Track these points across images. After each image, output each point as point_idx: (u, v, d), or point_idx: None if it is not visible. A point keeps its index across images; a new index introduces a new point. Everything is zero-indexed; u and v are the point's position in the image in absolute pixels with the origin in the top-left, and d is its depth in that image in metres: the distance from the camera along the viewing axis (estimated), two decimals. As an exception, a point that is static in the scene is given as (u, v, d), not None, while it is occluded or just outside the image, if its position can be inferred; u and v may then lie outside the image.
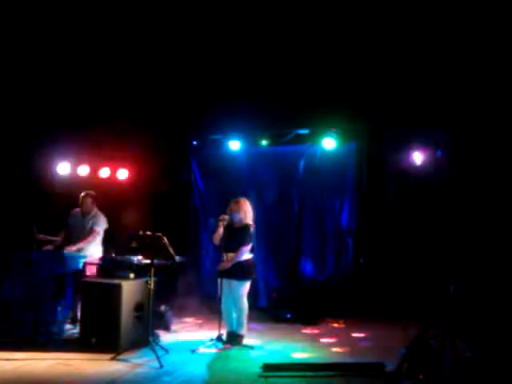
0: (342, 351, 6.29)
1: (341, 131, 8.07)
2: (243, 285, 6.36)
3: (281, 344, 6.54)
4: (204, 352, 6.10)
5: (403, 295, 7.50)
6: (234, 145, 8.58)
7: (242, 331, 6.41)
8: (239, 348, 6.27)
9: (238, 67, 7.82)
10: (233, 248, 6.37)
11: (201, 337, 6.74)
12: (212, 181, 9.09)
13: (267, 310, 8.20)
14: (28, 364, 5.49)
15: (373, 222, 8.12)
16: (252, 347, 6.29)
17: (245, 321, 6.42)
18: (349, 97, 7.62)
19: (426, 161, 7.60)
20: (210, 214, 8.90)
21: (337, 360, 5.79)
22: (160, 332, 6.71)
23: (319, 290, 8.03)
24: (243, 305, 6.37)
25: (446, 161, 7.26)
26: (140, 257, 6.37)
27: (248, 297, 6.46)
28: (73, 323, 6.87)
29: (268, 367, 5.40)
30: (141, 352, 5.90)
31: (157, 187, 9.10)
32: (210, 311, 7.70)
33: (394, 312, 7.48)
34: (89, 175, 9.24)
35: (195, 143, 9.08)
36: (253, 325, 7.10)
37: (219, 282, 6.36)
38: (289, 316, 7.79)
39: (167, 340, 6.55)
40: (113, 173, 9.33)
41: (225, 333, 6.39)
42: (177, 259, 6.15)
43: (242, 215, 6.46)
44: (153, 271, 5.91)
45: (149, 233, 6.08)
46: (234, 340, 6.35)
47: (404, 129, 7.70)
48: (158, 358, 5.52)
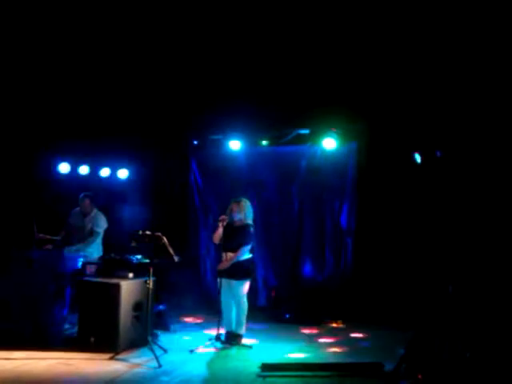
0: (341, 351, 6.30)
1: (341, 131, 8.05)
2: (243, 284, 6.37)
3: (279, 344, 6.54)
4: (203, 352, 6.11)
5: (402, 295, 7.49)
6: (234, 145, 8.56)
7: (241, 331, 6.42)
8: (238, 348, 6.28)
9: (239, 67, 7.81)
10: (232, 248, 6.38)
11: (200, 336, 6.76)
12: (212, 181, 9.08)
13: (266, 310, 8.21)
14: (27, 363, 5.50)
15: (372, 222, 8.10)
16: (251, 347, 6.30)
17: (244, 320, 6.43)
18: (349, 97, 7.60)
19: (426, 161, 7.59)
20: (210, 214, 8.94)
21: (335, 360, 5.81)
22: (159, 332, 6.71)
23: (318, 290, 8.03)
24: (243, 304, 6.38)
25: (446, 161, 7.29)
26: (139, 256, 6.37)
27: (247, 296, 6.46)
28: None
29: (266, 367, 5.40)
30: (139, 351, 5.91)
31: (157, 187, 9.10)
32: (209, 311, 7.70)
33: (393, 312, 7.47)
34: (89, 175, 9.25)
35: (195, 143, 9.06)
36: (252, 325, 7.09)
37: (219, 282, 6.37)
38: (288, 316, 7.79)
39: (166, 339, 6.55)
40: (113, 173, 9.33)
41: (224, 332, 6.39)
42: (176, 259, 6.17)
43: (243, 215, 6.47)
44: (152, 271, 5.92)
45: (148, 232, 6.09)
46: (233, 340, 6.35)
47: (404, 129, 7.69)
48: (157, 358, 5.53)
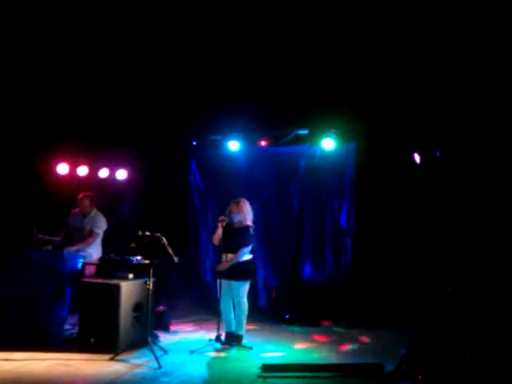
0: (341, 352, 6.30)
1: (340, 131, 8.06)
2: (243, 285, 6.37)
3: (280, 344, 6.54)
4: (203, 352, 6.10)
5: (402, 296, 7.49)
6: (234, 145, 8.56)
7: (242, 332, 6.41)
8: (238, 348, 6.28)
9: (238, 68, 7.81)
10: (232, 249, 6.37)
11: (200, 337, 6.76)
12: (211, 181, 9.08)
13: (266, 311, 8.21)
14: (27, 364, 5.50)
15: (372, 223, 8.11)
16: (251, 347, 6.29)
17: (244, 321, 6.42)
18: (348, 97, 7.61)
19: (425, 161, 7.59)
20: (210, 215, 8.94)
21: (336, 361, 5.81)
22: (159, 332, 6.71)
23: (318, 291, 8.02)
24: (243, 305, 6.38)
25: (445, 161, 7.29)
26: (139, 257, 6.37)
27: (247, 297, 6.46)
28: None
29: (267, 368, 5.40)
30: (140, 352, 5.91)
31: (156, 187, 9.10)
32: (209, 311, 7.70)
33: (393, 313, 7.47)
34: (88, 175, 9.24)
35: (195, 143, 9.06)
36: (252, 325, 7.10)
37: (218, 283, 6.36)
38: (288, 316, 7.78)
39: (166, 340, 6.56)
40: (112, 173, 9.32)
41: (224, 333, 6.39)
42: (176, 260, 6.16)
43: (242, 216, 6.46)
44: (152, 271, 5.91)
45: (148, 233, 6.08)
46: (233, 340, 6.35)
47: (403, 129, 7.69)
48: (157, 359, 5.52)
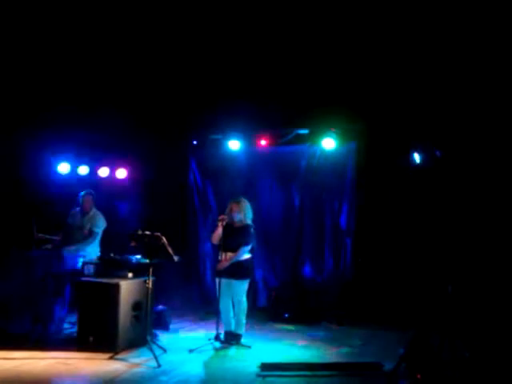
0: (340, 351, 6.28)
1: (340, 131, 8.06)
2: (243, 284, 6.37)
3: (279, 343, 6.54)
4: (202, 351, 6.09)
5: (402, 295, 7.49)
6: (234, 145, 8.56)
7: (241, 331, 6.42)
8: (237, 347, 6.28)
9: (238, 67, 7.82)
10: (233, 247, 6.37)
11: (199, 336, 6.76)
12: (211, 180, 9.09)
13: (266, 310, 8.20)
14: (26, 363, 5.50)
15: (372, 223, 8.11)
16: (250, 347, 6.29)
17: (244, 320, 6.42)
18: (348, 97, 7.61)
19: (426, 161, 7.59)
20: (210, 214, 8.94)
21: (335, 360, 5.81)
22: (158, 331, 6.71)
23: (318, 291, 8.03)
24: (242, 304, 6.38)
25: (445, 161, 7.29)
26: (139, 256, 6.37)
27: (247, 296, 6.46)
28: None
29: (266, 367, 5.40)
30: (139, 351, 5.90)
31: (156, 187, 9.10)
32: (209, 310, 7.69)
33: (393, 312, 7.47)
34: (88, 175, 9.25)
35: (195, 143, 9.06)
36: (251, 324, 7.10)
37: (217, 282, 6.36)
38: (287, 316, 7.78)
39: (165, 339, 6.55)
40: (112, 172, 9.33)
41: (223, 332, 6.39)
42: (176, 259, 6.16)
43: (242, 215, 6.46)
44: (151, 270, 5.91)
45: (148, 232, 6.08)
46: (233, 339, 6.35)
47: (404, 129, 7.70)
48: (156, 358, 5.52)
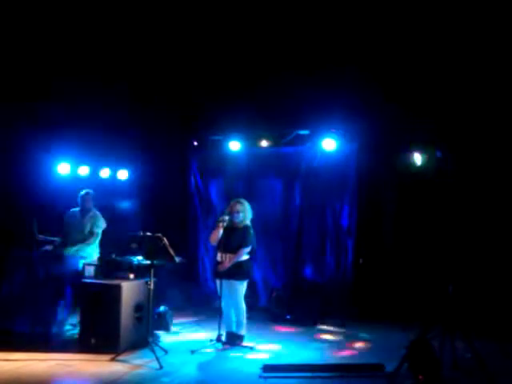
0: (342, 352, 6.29)
1: (341, 132, 8.06)
2: (243, 285, 6.38)
3: (280, 345, 6.53)
4: (204, 352, 6.09)
5: (403, 296, 7.49)
6: (234, 145, 8.56)
7: (242, 332, 6.41)
8: (239, 348, 6.27)
9: (239, 67, 7.82)
10: (233, 248, 6.36)
11: (200, 337, 6.75)
12: (212, 181, 9.09)
13: (267, 311, 8.19)
14: (28, 365, 5.49)
15: (373, 223, 8.11)
16: (251, 348, 6.29)
17: (244, 321, 6.42)
18: (349, 97, 7.61)
19: (426, 161, 7.60)
20: (210, 215, 8.94)
21: (337, 361, 5.80)
22: (160, 333, 6.71)
23: (319, 291, 8.02)
24: (241, 305, 6.38)
25: (446, 161, 7.29)
26: (140, 257, 6.37)
27: (248, 297, 6.46)
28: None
29: (268, 368, 5.39)
30: (140, 353, 5.89)
31: (157, 188, 9.10)
32: (210, 311, 7.69)
33: (394, 313, 7.47)
34: (89, 176, 9.24)
35: (195, 144, 9.07)
36: (253, 325, 7.09)
37: (218, 283, 6.35)
38: (288, 317, 7.78)
39: (167, 341, 6.55)
40: (113, 173, 9.32)
41: (224, 333, 6.39)
42: (177, 260, 6.16)
43: (243, 216, 6.46)
44: (153, 272, 5.91)
45: (149, 233, 6.08)
46: (234, 340, 6.34)
47: (404, 129, 7.70)
48: (158, 359, 5.52)
